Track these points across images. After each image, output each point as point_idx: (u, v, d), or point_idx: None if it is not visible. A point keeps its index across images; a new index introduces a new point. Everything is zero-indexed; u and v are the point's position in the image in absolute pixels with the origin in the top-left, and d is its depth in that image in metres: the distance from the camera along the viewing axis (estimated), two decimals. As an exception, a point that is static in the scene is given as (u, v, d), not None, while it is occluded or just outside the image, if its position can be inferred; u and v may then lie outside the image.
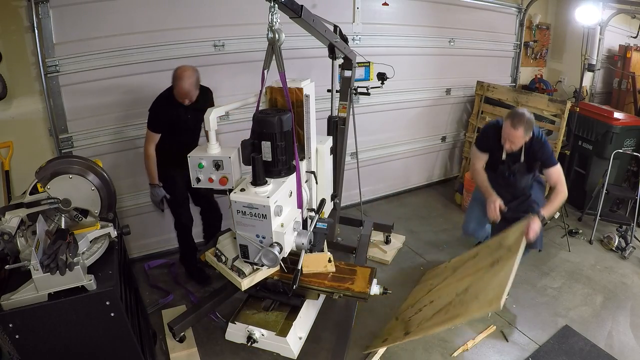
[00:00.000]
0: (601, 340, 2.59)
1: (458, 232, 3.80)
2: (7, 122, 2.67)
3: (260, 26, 2.23)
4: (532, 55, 4.99)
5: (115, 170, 2.90)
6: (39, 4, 2.53)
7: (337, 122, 2.81)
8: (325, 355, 2.44)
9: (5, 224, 1.61)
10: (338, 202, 3.00)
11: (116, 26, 2.79)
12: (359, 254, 3.05)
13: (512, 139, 2.55)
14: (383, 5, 3.72)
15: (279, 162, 2.09)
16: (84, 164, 1.80)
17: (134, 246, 3.29)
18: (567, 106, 3.72)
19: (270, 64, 2.04)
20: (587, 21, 3.89)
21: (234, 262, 2.25)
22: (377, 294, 2.36)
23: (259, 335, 2.37)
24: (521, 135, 2.51)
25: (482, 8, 4.38)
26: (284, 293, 2.39)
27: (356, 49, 2.87)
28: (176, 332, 2.31)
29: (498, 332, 2.65)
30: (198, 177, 2.19)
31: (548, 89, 4.82)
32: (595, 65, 4.60)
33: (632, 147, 3.89)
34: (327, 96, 2.90)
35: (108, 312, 1.65)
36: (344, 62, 2.74)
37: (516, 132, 2.50)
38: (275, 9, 1.83)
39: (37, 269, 1.48)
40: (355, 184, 3.32)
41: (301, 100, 2.26)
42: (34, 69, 2.65)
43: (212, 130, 2.12)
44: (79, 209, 1.80)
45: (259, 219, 1.97)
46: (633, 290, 3.08)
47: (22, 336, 1.56)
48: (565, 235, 3.70)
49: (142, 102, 3.01)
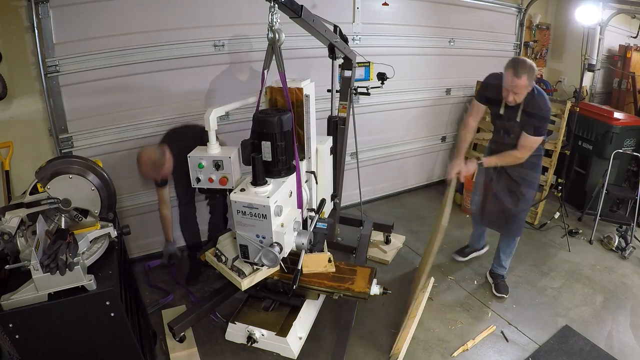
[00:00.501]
0: (601, 340, 2.59)
1: (458, 232, 3.81)
2: (7, 122, 2.66)
3: (260, 26, 2.23)
4: (532, 55, 4.98)
5: (115, 170, 2.89)
6: (39, 4, 2.52)
7: (337, 122, 2.81)
8: (325, 355, 2.44)
9: (5, 224, 1.61)
10: (338, 202, 3.00)
11: (116, 26, 2.79)
12: (359, 254, 3.05)
13: (515, 89, 2.34)
14: (383, 5, 3.71)
15: (279, 162, 2.09)
16: (84, 164, 1.80)
17: (134, 246, 3.29)
18: (567, 106, 3.72)
19: (270, 64, 2.04)
20: (587, 21, 3.89)
21: (234, 262, 2.26)
22: (377, 294, 2.36)
23: (259, 335, 2.37)
24: (525, 84, 2.31)
25: (482, 8, 4.37)
26: (284, 293, 2.39)
27: (356, 49, 2.87)
28: (176, 332, 2.31)
29: (498, 332, 2.65)
30: (198, 177, 2.19)
31: (548, 89, 4.81)
32: (595, 65, 4.60)
33: (632, 147, 3.89)
34: (327, 96, 2.90)
35: (108, 312, 1.65)
36: (344, 62, 2.73)
37: (519, 81, 2.29)
38: (275, 9, 1.83)
39: (37, 269, 1.48)
40: (355, 184, 3.32)
41: (301, 100, 2.26)
42: (34, 69, 2.65)
43: (212, 130, 2.12)
44: (79, 209, 1.80)
45: (259, 219, 1.97)
46: (633, 290, 3.08)
47: (22, 336, 1.56)
48: (565, 235, 3.70)
49: (142, 102, 3.02)
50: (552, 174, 3.91)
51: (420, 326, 2.67)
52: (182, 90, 3.11)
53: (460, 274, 3.21)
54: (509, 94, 2.39)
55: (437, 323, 2.71)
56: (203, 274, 3.11)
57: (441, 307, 2.86)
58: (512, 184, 2.74)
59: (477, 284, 3.11)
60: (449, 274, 3.21)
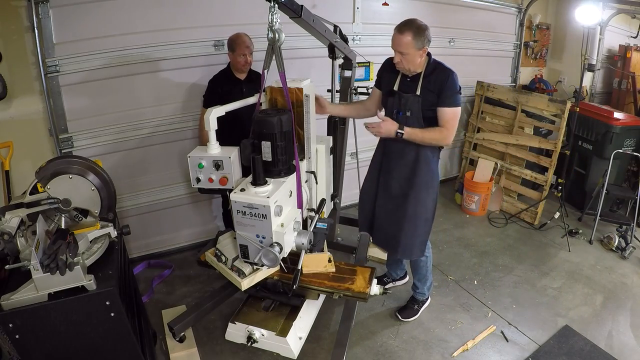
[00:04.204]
0: (601, 340, 2.59)
1: (458, 232, 3.81)
2: (7, 122, 2.66)
3: (260, 26, 2.23)
4: (532, 55, 4.99)
5: (115, 170, 2.90)
6: (39, 4, 2.53)
7: (337, 122, 2.81)
8: (325, 355, 2.44)
9: (5, 224, 1.61)
10: (338, 202, 3.00)
11: (116, 26, 2.79)
12: (359, 254, 3.05)
13: (399, 47, 2.10)
14: (383, 5, 3.72)
15: (279, 162, 2.09)
16: (84, 164, 1.80)
17: (134, 246, 3.29)
18: (567, 106, 3.72)
19: (270, 64, 2.04)
20: (587, 21, 3.89)
21: (234, 262, 2.26)
22: (377, 294, 2.35)
23: (259, 335, 2.37)
24: (410, 42, 2.06)
25: (482, 8, 4.38)
26: (284, 293, 2.39)
27: (356, 49, 2.87)
28: (176, 332, 2.31)
29: (498, 332, 2.65)
30: (198, 177, 2.19)
31: (548, 89, 4.82)
32: (595, 65, 4.60)
33: (632, 147, 3.89)
34: (327, 96, 2.90)
35: (108, 312, 1.65)
36: (344, 62, 2.73)
37: (402, 37, 2.07)
38: (275, 9, 1.82)
39: (37, 269, 1.48)
40: (356, 184, 3.32)
41: (301, 100, 2.26)
42: (34, 69, 2.65)
43: (212, 130, 2.12)
44: (79, 209, 1.80)
45: (259, 219, 1.97)
46: (633, 290, 3.07)
47: (22, 336, 1.56)
48: (565, 235, 3.70)
49: (142, 102, 3.02)
50: (552, 174, 3.91)
51: (420, 326, 2.68)
52: (182, 90, 3.11)
53: (460, 274, 3.21)
54: (396, 55, 2.15)
55: (437, 323, 2.71)
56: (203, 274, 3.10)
57: (441, 307, 2.86)
58: (403, 189, 2.34)
59: (477, 284, 3.11)
60: (449, 274, 3.21)
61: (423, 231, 2.41)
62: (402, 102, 2.23)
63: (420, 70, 2.20)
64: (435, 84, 2.17)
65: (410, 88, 2.22)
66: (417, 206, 2.34)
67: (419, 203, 2.34)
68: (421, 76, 2.20)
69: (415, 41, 2.08)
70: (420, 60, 2.18)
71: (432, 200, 2.38)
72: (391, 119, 2.23)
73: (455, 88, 2.16)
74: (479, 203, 4.11)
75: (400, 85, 2.27)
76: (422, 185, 2.32)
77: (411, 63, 2.15)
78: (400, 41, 2.09)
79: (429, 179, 2.33)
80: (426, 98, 2.19)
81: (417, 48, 2.10)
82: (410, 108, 2.21)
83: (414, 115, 2.22)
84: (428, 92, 2.18)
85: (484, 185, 4.10)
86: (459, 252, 3.51)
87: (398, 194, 2.37)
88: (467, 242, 3.67)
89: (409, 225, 2.36)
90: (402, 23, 2.13)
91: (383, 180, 2.43)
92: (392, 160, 2.37)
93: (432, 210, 2.40)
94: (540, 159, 3.96)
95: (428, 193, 2.35)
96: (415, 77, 2.22)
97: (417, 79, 2.21)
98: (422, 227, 2.39)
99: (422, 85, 2.19)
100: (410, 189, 2.33)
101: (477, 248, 3.58)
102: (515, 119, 4.10)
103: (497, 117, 4.32)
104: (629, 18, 4.76)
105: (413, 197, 2.33)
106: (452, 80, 2.15)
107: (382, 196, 2.45)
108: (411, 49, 2.09)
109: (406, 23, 2.11)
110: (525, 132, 4.11)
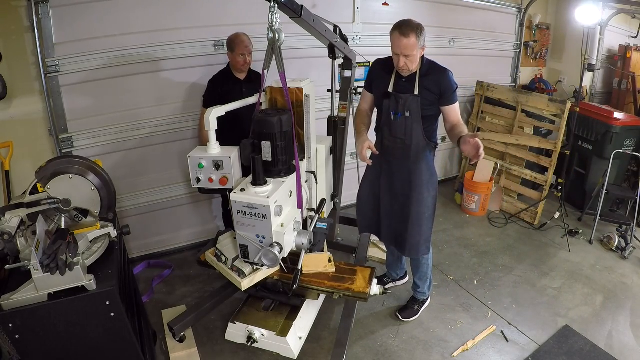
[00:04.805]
0: (601, 340, 2.59)
1: (458, 232, 3.81)
2: (7, 122, 2.66)
3: (260, 26, 2.23)
4: (532, 55, 4.98)
5: (115, 170, 2.90)
6: (39, 4, 2.52)
7: (337, 122, 2.81)
8: (325, 355, 2.44)
9: (5, 224, 1.61)
10: (338, 202, 3.00)
11: (116, 26, 2.79)
12: (359, 254, 3.05)
13: (405, 51, 2.07)
14: (383, 5, 3.72)
15: (279, 162, 2.09)
16: (84, 164, 1.80)
17: (134, 246, 3.29)
18: (567, 106, 3.71)
19: (270, 64, 2.04)
20: (587, 21, 3.89)
21: (234, 262, 2.26)
22: (377, 294, 2.36)
23: (259, 335, 2.37)
24: (415, 44, 2.06)
25: (482, 8, 4.37)
26: (284, 293, 2.39)
27: (356, 49, 2.87)
28: (176, 332, 2.31)
29: (498, 332, 2.65)
30: (198, 177, 2.19)
31: (548, 89, 4.81)
32: (595, 65, 4.60)
33: (632, 147, 3.89)
34: (327, 96, 2.90)
35: (108, 312, 1.65)
36: (344, 62, 2.73)
37: (409, 40, 2.04)
38: (275, 9, 1.82)
39: (37, 269, 1.48)
40: (356, 184, 3.31)
41: (301, 100, 2.26)
42: (34, 69, 2.65)
43: (212, 130, 2.12)
44: (79, 209, 1.80)
45: (259, 219, 1.97)
46: (633, 290, 3.07)
47: (22, 336, 1.56)
48: (565, 235, 3.70)
49: (142, 102, 3.02)
50: (552, 174, 3.91)
51: (420, 326, 2.68)
52: (182, 90, 3.11)
53: (460, 274, 3.21)
54: (400, 59, 2.12)
55: (437, 323, 2.71)
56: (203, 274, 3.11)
57: (441, 307, 2.86)
58: (405, 189, 2.37)
59: (477, 284, 3.11)
60: (449, 274, 3.21)
61: (427, 228, 2.45)
62: (400, 103, 2.22)
63: (415, 69, 2.21)
64: (434, 84, 2.18)
65: (406, 88, 2.22)
66: (420, 206, 2.38)
67: (421, 203, 2.38)
68: (417, 76, 2.20)
69: (418, 41, 2.10)
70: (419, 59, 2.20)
71: (432, 198, 2.42)
72: (388, 120, 2.27)
73: (454, 85, 2.21)
74: (479, 203, 4.11)
75: (395, 87, 2.26)
76: (423, 185, 2.36)
77: (414, 64, 2.16)
78: (407, 44, 2.07)
79: (429, 177, 2.37)
80: (425, 98, 2.20)
81: (419, 48, 2.13)
82: (409, 108, 2.22)
83: (414, 115, 2.22)
84: (427, 91, 2.19)
85: (484, 185, 4.10)
86: (459, 252, 3.51)
87: (402, 194, 2.41)
88: (467, 242, 3.67)
89: (414, 225, 2.40)
90: (402, 26, 2.11)
91: (386, 181, 2.45)
92: (394, 161, 2.39)
93: (433, 208, 2.45)
94: (540, 159, 3.96)
95: (429, 191, 2.39)
96: (410, 77, 2.22)
97: (412, 78, 2.21)
98: (426, 225, 2.44)
99: (419, 85, 2.19)
100: (412, 190, 2.36)
101: (477, 248, 3.58)
102: (515, 119, 4.10)
103: (497, 117, 4.32)
104: (629, 18, 4.76)
105: (416, 197, 2.36)
106: (451, 79, 2.20)
107: (386, 197, 2.47)
108: (416, 50, 2.10)
109: (407, 25, 2.10)
110: (525, 132, 4.11)
